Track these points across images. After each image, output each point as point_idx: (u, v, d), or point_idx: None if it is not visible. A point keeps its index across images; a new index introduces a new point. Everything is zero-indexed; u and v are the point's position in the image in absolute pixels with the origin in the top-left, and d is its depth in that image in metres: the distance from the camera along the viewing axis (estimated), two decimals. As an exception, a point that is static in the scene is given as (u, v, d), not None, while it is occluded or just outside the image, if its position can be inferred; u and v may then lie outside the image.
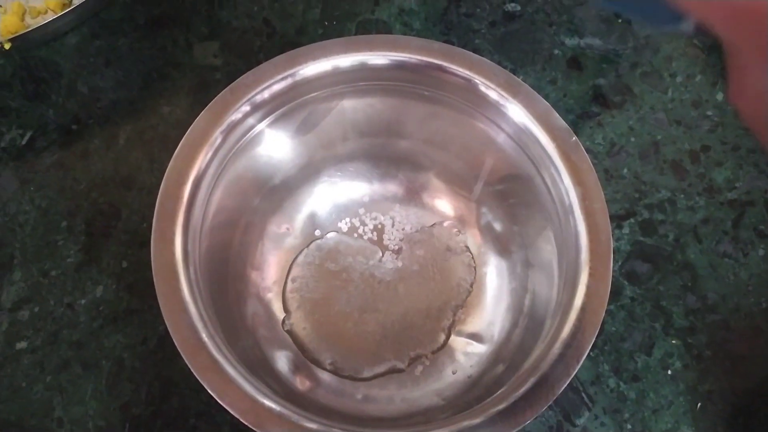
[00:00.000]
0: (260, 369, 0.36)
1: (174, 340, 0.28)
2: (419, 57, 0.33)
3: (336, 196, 0.42)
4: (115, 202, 0.43)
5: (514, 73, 0.46)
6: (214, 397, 0.27)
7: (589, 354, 0.40)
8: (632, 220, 0.44)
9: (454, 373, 0.38)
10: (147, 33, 0.48)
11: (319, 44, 0.34)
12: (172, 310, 0.28)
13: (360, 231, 0.42)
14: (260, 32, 0.48)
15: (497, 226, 0.40)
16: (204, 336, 0.28)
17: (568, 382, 0.27)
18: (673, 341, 0.40)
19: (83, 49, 0.47)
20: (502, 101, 0.33)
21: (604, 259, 0.30)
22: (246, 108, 0.32)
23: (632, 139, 0.46)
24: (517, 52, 0.49)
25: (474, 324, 0.40)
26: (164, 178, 0.30)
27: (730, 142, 0.46)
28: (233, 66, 0.47)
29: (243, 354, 0.34)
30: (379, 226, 0.42)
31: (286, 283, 0.39)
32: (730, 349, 0.40)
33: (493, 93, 0.33)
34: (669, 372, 0.39)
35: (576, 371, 0.27)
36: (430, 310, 0.40)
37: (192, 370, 0.27)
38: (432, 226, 0.42)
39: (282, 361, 0.38)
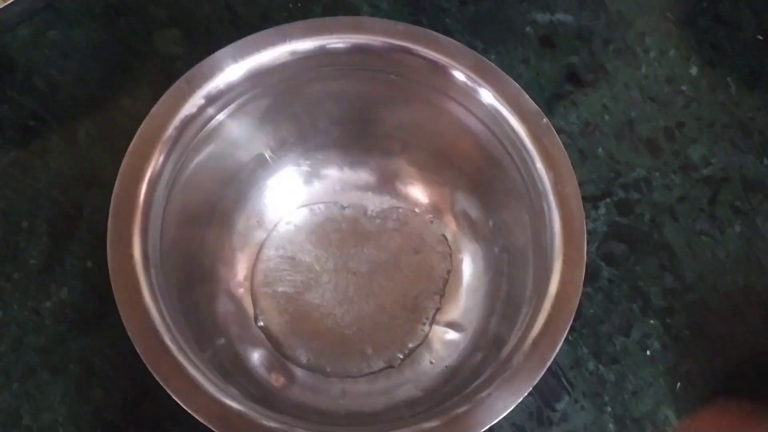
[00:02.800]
0: (233, 369, 0.35)
1: (136, 347, 0.27)
2: (383, 39, 0.32)
3: (306, 186, 0.41)
4: (77, 201, 0.41)
5: (486, 53, 0.45)
6: (180, 404, 0.26)
7: (567, 338, 0.39)
8: (608, 200, 0.43)
9: (431, 363, 0.38)
10: (104, 23, 0.46)
11: (278, 28, 0.32)
12: (133, 315, 0.27)
13: (332, 221, 0.41)
14: (223, 19, 0.47)
15: (472, 213, 0.40)
16: (167, 340, 0.27)
17: (543, 372, 0.27)
18: (652, 322, 0.40)
19: (37, 41, 0.45)
20: (471, 84, 0.32)
21: (578, 246, 0.29)
22: (201, 101, 0.31)
23: (606, 118, 0.45)
24: (488, 32, 0.48)
25: (451, 312, 0.39)
26: (118, 177, 0.29)
27: (704, 117, 0.46)
28: (196, 55, 0.45)
29: (214, 354, 0.33)
30: (352, 215, 0.41)
31: (255, 277, 0.38)
32: (709, 329, 0.40)
33: (461, 75, 0.32)
34: (648, 353, 0.39)
35: (551, 361, 0.27)
36: (408, 301, 0.39)
37: (156, 378, 0.26)
38: (406, 214, 0.41)
39: (256, 359, 0.37)
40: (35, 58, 0.45)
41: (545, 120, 0.31)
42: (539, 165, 0.30)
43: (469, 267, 0.40)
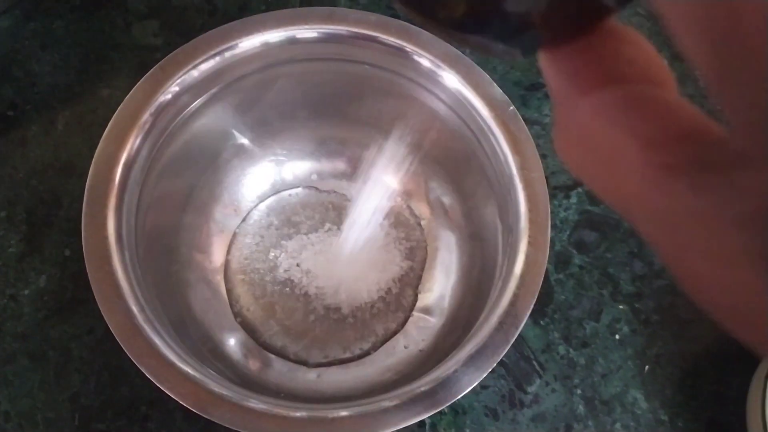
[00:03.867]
0: (210, 354, 0.36)
1: (109, 325, 0.27)
2: (355, 29, 0.32)
3: (282, 175, 0.42)
4: (55, 190, 0.42)
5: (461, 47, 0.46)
6: (153, 381, 0.27)
7: (539, 323, 0.40)
8: (579, 189, 0.44)
9: (406, 347, 0.38)
10: (83, 14, 0.47)
11: (253, 18, 0.33)
12: (106, 295, 0.27)
13: (308, 207, 0.41)
14: (201, 10, 0.47)
15: (446, 200, 0.40)
16: (141, 320, 0.27)
17: (506, 349, 0.27)
18: (621, 307, 0.41)
19: (16, 32, 0.46)
20: (439, 71, 0.33)
21: (542, 228, 0.30)
22: (176, 88, 0.31)
23: (579, 110, 0.46)
24: (464, 25, 0.48)
25: (425, 298, 0.40)
26: (93, 161, 0.30)
27: (674, 109, 0.47)
28: (174, 45, 0.45)
29: (190, 340, 0.34)
30: (329, 202, 0.42)
31: (231, 264, 0.39)
32: (677, 314, 0.41)
33: (429, 63, 0.33)
34: (617, 337, 0.40)
35: (515, 338, 0.28)
36: (384, 288, 0.40)
37: (129, 355, 0.27)
38: (381, 202, 0.42)
39: (232, 344, 0.38)
40: (15, 49, 0.45)
41: (512, 107, 0.32)
42: (506, 150, 0.31)
43: (443, 254, 0.40)
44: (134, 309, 0.27)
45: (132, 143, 0.30)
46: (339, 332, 0.39)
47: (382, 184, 0.42)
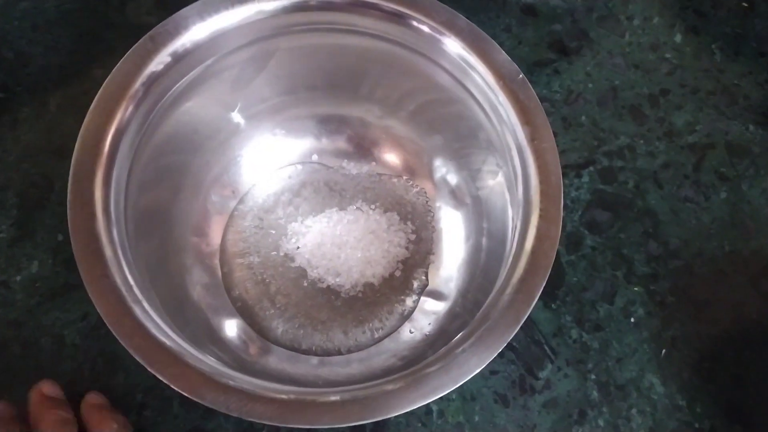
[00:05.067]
0: (208, 340, 0.34)
1: (96, 305, 0.26)
2: (354, -5, 0.31)
3: (282, 153, 0.40)
4: (47, 173, 0.40)
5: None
6: (142, 363, 0.25)
7: (550, 306, 0.39)
8: (591, 168, 0.42)
9: (411, 332, 0.37)
10: (76, -7, 0.45)
11: (246, -14, 0.31)
12: (93, 274, 0.26)
13: (310, 187, 0.40)
14: (197, -12, 0.46)
15: (451, 179, 0.39)
16: (129, 300, 0.26)
17: (516, 329, 0.26)
18: (636, 289, 0.39)
19: (7, 12, 0.44)
20: (443, 39, 0.31)
21: (555, 200, 0.28)
22: (167, 59, 0.30)
23: (590, 86, 0.45)
24: (470, 0, 0.47)
25: (431, 280, 0.38)
26: (80, 132, 0.28)
27: (689, 84, 0.45)
28: (169, 24, 0.45)
29: (188, 325, 0.32)
30: (329, 185, 0.40)
31: (229, 247, 0.37)
32: (694, 295, 0.39)
33: (432, 31, 0.31)
34: (632, 320, 0.38)
35: (525, 317, 0.26)
36: (390, 271, 0.38)
37: (117, 337, 0.26)
38: (386, 182, 0.40)
39: (231, 330, 0.36)
40: (5, 29, 0.44)
41: (521, 75, 0.30)
42: (515, 120, 0.30)
43: (450, 235, 0.39)
44: (122, 288, 0.26)
45: (122, 115, 0.28)
46: (341, 317, 0.37)
47: (385, 164, 0.40)
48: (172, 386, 0.25)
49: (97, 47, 0.44)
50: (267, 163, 0.40)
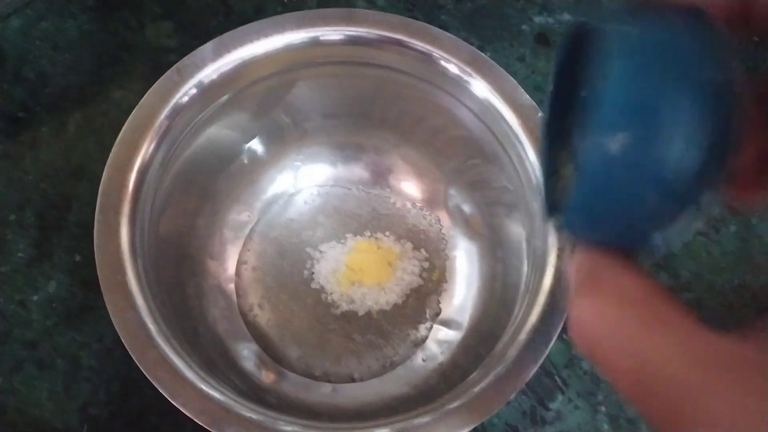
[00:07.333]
0: (223, 365, 0.34)
1: (122, 337, 0.26)
2: (377, 32, 0.31)
3: (298, 180, 0.41)
4: (66, 194, 0.41)
5: (482, 50, 0.45)
6: (166, 396, 0.25)
7: (561, 337, 0.39)
8: (604, 198, 0.43)
9: (424, 361, 0.37)
10: (96, 14, 0.46)
11: (271, 19, 0.32)
12: (119, 306, 0.26)
13: (325, 214, 0.40)
14: (216, 11, 0.46)
15: (466, 208, 0.39)
16: (154, 332, 0.26)
17: (535, 369, 0.26)
18: (647, 321, 0.39)
19: (28, 32, 0.45)
20: (465, 77, 0.32)
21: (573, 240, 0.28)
22: (193, 90, 0.30)
23: (603, 116, 0.45)
24: (484, 29, 0.47)
25: (445, 310, 0.38)
26: (106, 166, 0.29)
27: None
28: (188, 47, 0.44)
29: (203, 350, 0.33)
30: (345, 211, 0.40)
31: (245, 272, 0.38)
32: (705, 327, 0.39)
33: (455, 68, 0.32)
34: (642, 352, 0.39)
35: (544, 357, 0.26)
36: (404, 299, 0.38)
37: (141, 369, 0.26)
38: (400, 209, 0.40)
39: (246, 355, 0.37)
40: (26, 49, 0.44)
41: (540, 114, 0.31)
42: (533, 159, 0.30)
43: (463, 264, 0.39)
44: (147, 321, 0.26)
45: (147, 148, 0.29)
46: (355, 343, 0.37)
47: (400, 192, 0.41)
48: (196, 420, 0.25)
49: (116, 69, 0.44)
50: (284, 188, 0.40)
